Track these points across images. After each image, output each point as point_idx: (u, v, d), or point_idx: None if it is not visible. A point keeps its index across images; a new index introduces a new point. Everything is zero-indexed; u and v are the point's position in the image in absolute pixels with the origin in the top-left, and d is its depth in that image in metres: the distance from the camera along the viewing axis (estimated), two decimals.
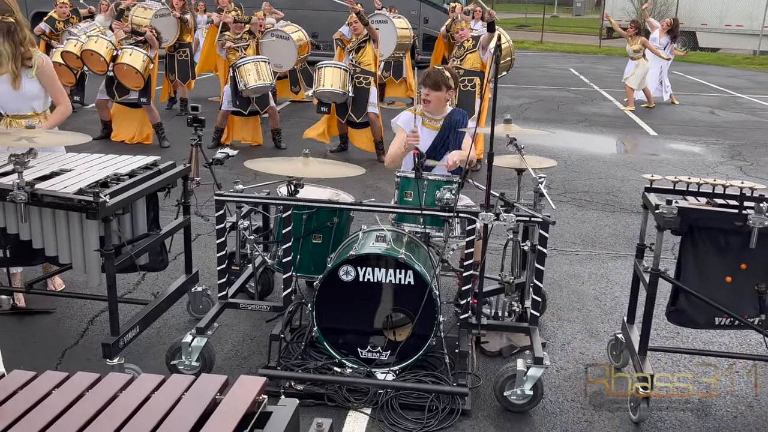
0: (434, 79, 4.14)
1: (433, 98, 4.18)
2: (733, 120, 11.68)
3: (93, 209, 3.04)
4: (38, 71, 3.99)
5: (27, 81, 3.98)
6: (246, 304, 3.73)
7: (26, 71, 3.97)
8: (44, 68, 4.03)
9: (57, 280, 4.45)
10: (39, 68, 3.99)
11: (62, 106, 4.16)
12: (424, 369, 3.48)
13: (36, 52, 4.03)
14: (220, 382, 1.69)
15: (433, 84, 4.14)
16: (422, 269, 3.36)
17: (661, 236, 3.11)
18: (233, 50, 8.28)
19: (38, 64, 3.99)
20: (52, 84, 4.10)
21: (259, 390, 1.65)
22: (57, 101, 4.15)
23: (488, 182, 3.25)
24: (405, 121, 4.31)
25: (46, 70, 4.05)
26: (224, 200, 3.54)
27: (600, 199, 6.92)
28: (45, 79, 4.05)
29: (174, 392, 1.64)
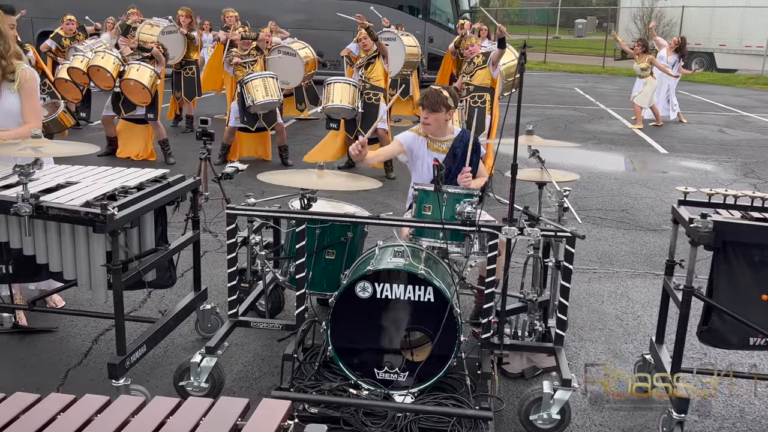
0: (432, 100, 4.02)
1: (432, 120, 4.07)
2: (743, 138, 11.57)
3: (100, 222, 2.91)
4: (20, 85, 3.75)
5: (8, 95, 3.73)
6: (257, 323, 3.58)
7: (8, 85, 3.74)
8: (27, 83, 3.78)
9: (56, 297, 4.31)
10: (21, 82, 3.75)
11: (29, 125, 3.76)
12: (443, 391, 3.32)
13: (20, 65, 3.81)
14: (242, 405, 1.55)
15: (431, 106, 4.02)
16: (442, 285, 3.21)
17: (694, 252, 2.97)
18: (241, 66, 8.21)
19: (21, 77, 3.75)
20: (29, 100, 3.80)
21: (284, 415, 1.51)
22: (26, 119, 3.80)
23: (512, 195, 3.11)
24: (408, 141, 4.21)
25: (28, 85, 3.79)
26: (236, 214, 3.41)
27: (614, 216, 6.79)
28: (24, 93, 3.77)
29: (191, 417, 1.50)
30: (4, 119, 3.78)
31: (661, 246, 5.94)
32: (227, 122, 8.34)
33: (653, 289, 4.99)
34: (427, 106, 4.03)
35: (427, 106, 4.03)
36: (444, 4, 17.35)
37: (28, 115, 3.81)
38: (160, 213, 3.64)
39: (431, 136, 4.13)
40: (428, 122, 4.06)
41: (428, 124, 4.07)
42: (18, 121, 3.82)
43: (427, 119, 4.05)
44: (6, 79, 3.74)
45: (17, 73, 3.75)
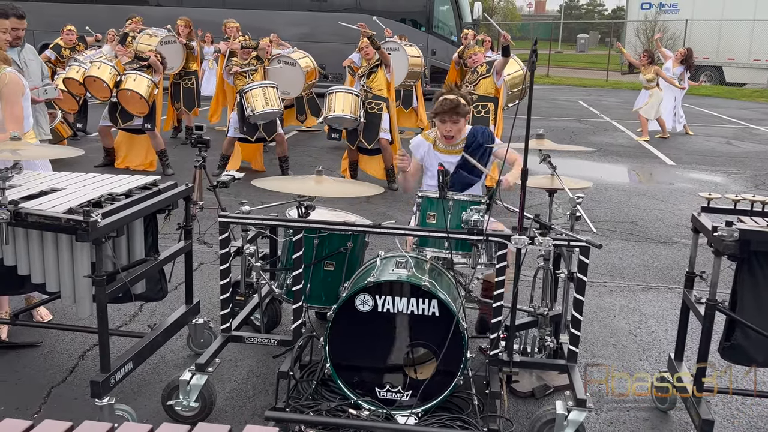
0: (451, 111, 3.82)
1: (455, 132, 3.92)
2: (752, 150, 11.38)
3: (83, 230, 2.72)
4: (2, 90, 3.62)
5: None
6: (251, 338, 3.38)
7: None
8: (7, 86, 3.64)
9: (42, 310, 4.11)
10: (2, 87, 3.62)
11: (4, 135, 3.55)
12: (449, 411, 3.11)
13: (2, 69, 3.68)
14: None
15: (452, 116, 3.83)
16: (447, 298, 3.01)
17: (718, 262, 2.77)
18: (240, 76, 8.06)
19: (1, 81, 3.62)
20: (9, 104, 3.66)
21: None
22: (6, 125, 3.65)
23: (522, 201, 2.93)
24: (415, 145, 4.09)
25: (7, 89, 3.65)
26: (229, 222, 3.22)
27: (623, 228, 6.58)
28: (3, 98, 3.64)
29: None
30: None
31: (673, 259, 5.74)
32: (227, 132, 8.17)
33: (666, 303, 4.79)
34: (448, 118, 3.83)
35: (448, 119, 3.83)
36: (447, 17, 17.26)
37: (6, 119, 3.66)
38: (151, 222, 3.46)
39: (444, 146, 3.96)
40: (451, 134, 3.90)
41: (451, 136, 3.91)
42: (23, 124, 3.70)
43: (450, 132, 3.88)
44: None
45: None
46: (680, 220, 6.93)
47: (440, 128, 3.89)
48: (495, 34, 19.05)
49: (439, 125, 3.89)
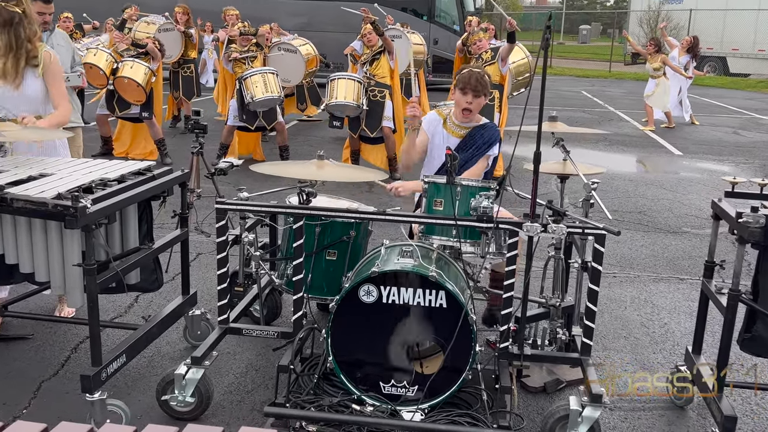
0: (477, 83, 3.59)
1: (475, 106, 3.68)
2: (759, 140, 11.22)
3: (71, 216, 2.57)
4: (44, 69, 3.54)
5: (31, 80, 3.51)
6: (250, 330, 3.24)
7: (32, 70, 3.51)
8: (51, 65, 3.57)
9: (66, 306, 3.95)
10: (45, 65, 3.54)
11: (62, 109, 3.62)
12: (457, 407, 2.97)
13: (42, 47, 3.57)
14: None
15: (476, 89, 3.60)
16: (455, 289, 2.87)
17: (742, 250, 2.62)
18: (240, 62, 7.90)
19: (45, 60, 3.53)
20: (56, 83, 3.61)
21: None
22: (57, 104, 3.62)
23: (534, 187, 2.78)
24: (429, 122, 3.87)
25: (53, 68, 3.58)
26: (226, 209, 3.07)
27: (632, 218, 6.43)
28: (50, 76, 3.57)
29: None
30: (27, 106, 3.52)
31: (683, 249, 5.59)
32: (226, 121, 8.01)
33: (678, 294, 4.65)
34: (471, 89, 3.59)
35: (471, 90, 3.59)
36: (449, 6, 17.06)
37: (57, 99, 3.60)
38: (146, 209, 3.32)
39: (455, 121, 3.78)
40: (471, 108, 3.65)
41: (470, 110, 3.67)
42: (38, 108, 3.57)
43: (470, 104, 3.64)
44: (30, 63, 3.50)
45: (40, 56, 3.52)
46: (689, 209, 6.79)
47: (460, 101, 3.66)
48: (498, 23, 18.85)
49: (459, 97, 3.65)
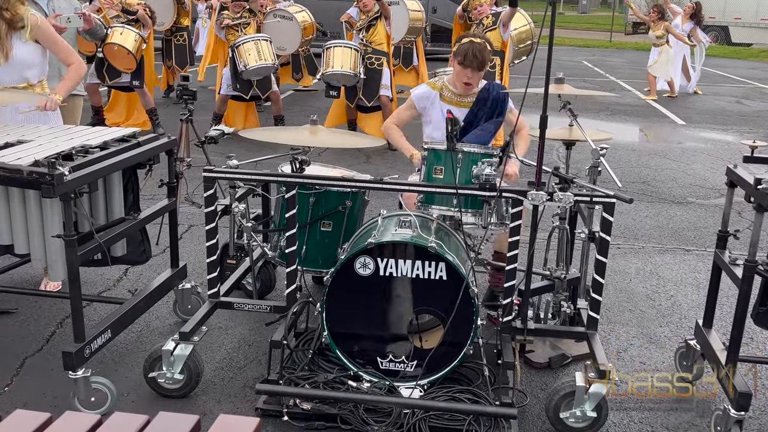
0: (481, 59, 3.38)
1: (476, 80, 3.49)
2: (764, 109, 11.03)
3: (47, 184, 2.42)
4: (34, 32, 3.38)
5: (20, 47, 3.37)
6: (241, 304, 3.11)
7: (18, 35, 3.36)
8: (41, 27, 3.42)
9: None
10: (35, 28, 3.38)
11: (75, 65, 3.53)
12: (457, 383, 2.85)
13: (27, 10, 3.40)
14: (189, 425, 1.07)
15: (479, 65, 3.40)
16: (456, 261, 2.73)
17: (760, 219, 2.48)
18: (232, 29, 7.66)
19: (32, 23, 3.38)
20: (55, 43, 3.49)
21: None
22: (67, 61, 3.53)
23: (540, 152, 2.62)
24: (420, 97, 3.66)
25: (44, 28, 3.44)
26: (215, 177, 2.92)
27: (635, 188, 6.28)
28: (45, 39, 3.44)
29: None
30: (20, 71, 3.42)
31: (688, 220, 5.46)
32: (218, 90, 7.80)
33: (684, 266, 4.52)
34: (473, 65, 3.38)
35: (473, 66, 3.39)
36: None
37: (66, 56, 3.53)
38: (131, 178, 3.16)
39: (453, 90, 3.58)
40: (471, 83, 3.46)
41: (470, 84, 3.47)
42: (27, 75, 3.46)
43: (470, 79, 3.45)
44: (14, 29, 3.35)
45: (26, 19, 3.36)
46: (693, 179, 6.64)
47: (460, 74, 3.46)
48: None
49: (458, 70, 3.45)
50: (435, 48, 16.01)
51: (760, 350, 3.45)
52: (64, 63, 3.56)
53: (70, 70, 3.53)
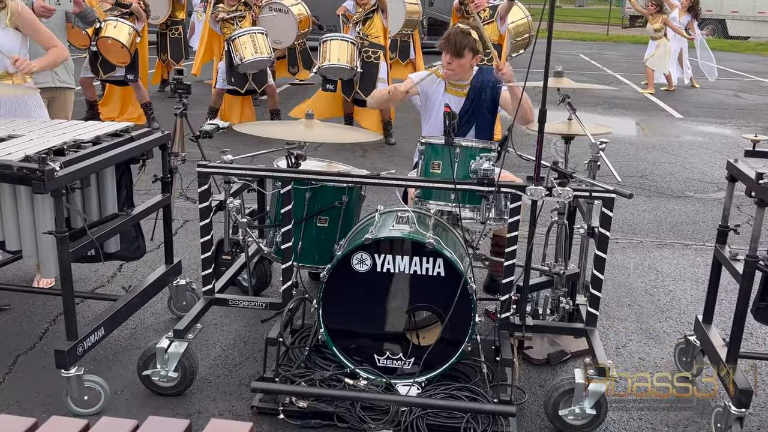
0: (456, 44, 3.37)
1: (456, 66, 3.45)
2: (761, 103, 11.01)
3: (38, 180, 2.38)
4: (14, 18, 3.34)
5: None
6: (236, 301, 3.07)
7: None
8: (22, 14, 3.39)
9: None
10: (14, 14, 3.34)
11: (57, 48, 3.50)
12: (455, 380, 2.82)
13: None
14: (180, 429, 1.04)
15: (455, 50, 3.38)
16: (454, 257, 2.70)
17: (761, 214, 2.45)
18: (228, 23, 7.59)
19: (13, 9, 3.34)
20: (36, 31, 3.46)
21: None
22: (49, 46, 3.49)
23: (539, 147, 2.58)
24: (424, 81, 3.59)
25: (25, 15, 3.41)
26: (209, 172, 2.88)
27: (633, 182, 6.25)
28: (26, 26, 3.40)
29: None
30: None
31: (687, 214, 5.43)
32: (214, 84, 7.74)
33: (683, 260, 4.49)
34: (450, 50, 3.39)
35: (450, 51, 3.39)
36: None
37: (47, 41, 3.50)
38: (124, 173, 3.12)
39: (452, 81, 3.54)
40: (451, 68, 3.44)
41: (451, 70, 3.45)
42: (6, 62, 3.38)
43: (450, 64, 3.43)
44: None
45: (7, 4, 3.32)
46: (692, 173, 6.61)
47: (443, 59, 3.45)
48: None
49: (443, 55, 3.45)
50: (432, 41, 15.93)
51: (760, 345, 3.43)
52: (46, 48, 3.51)
53: (51, 51, 3.50)
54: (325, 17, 12.95)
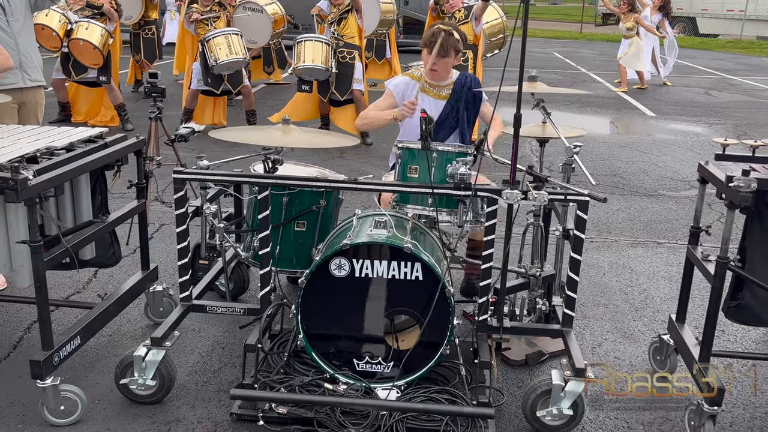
0: (443, 44, 3.38)
1: (441, 66, 3.49)
2: (731, 101, 11.20)
3: (11, 189, 2.34)
4: None
5: None
6: (214, 307, 3.05)
7: None
8: None
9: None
10: None
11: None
12: (434, 383, 2.84)
13: None
14: None
15: (442, 51, 3.40)
16: (431, 261, 2.71)
17: (731, 216, 2.49)
18: (202, 23, 7.54)
19: None
20: None
21: None
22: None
23: (514, 151, 2.61)
24: (398, 85, 3.63)
25: None
26: (185, 179, 2.86)
27: (607, 181, 6.33)
28: None
29: None
30: None
31: (659, 212, 5.51)
32: (189, 84, 7.68)
33: (656, 259, 4.57)
34: (436, 51, 3.38)
35: (436, 51, 3.38)
36: None
37: None
38: (99, 179, 3.09)
39: (430, 81, 3.56)
40: (436, 68, 3.46)
41: (436, 70, 3.47)
42: None
43: (435, 65, 3.44)
44: None
45: None
46: (665, 171, 6.72)
47: (425, 59, 3.46)
48: None
49: (424, 55, 3.45)
50: (408, 40, 15.97)
51: (731, 343, 3.50)
52: None
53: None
54: (300, 16, 12.91)
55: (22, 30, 4.12)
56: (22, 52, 4.10)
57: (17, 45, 4.06)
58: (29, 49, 4.19)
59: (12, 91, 4.00)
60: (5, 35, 4.00)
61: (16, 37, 4.06)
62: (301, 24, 12.24)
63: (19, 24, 4.08)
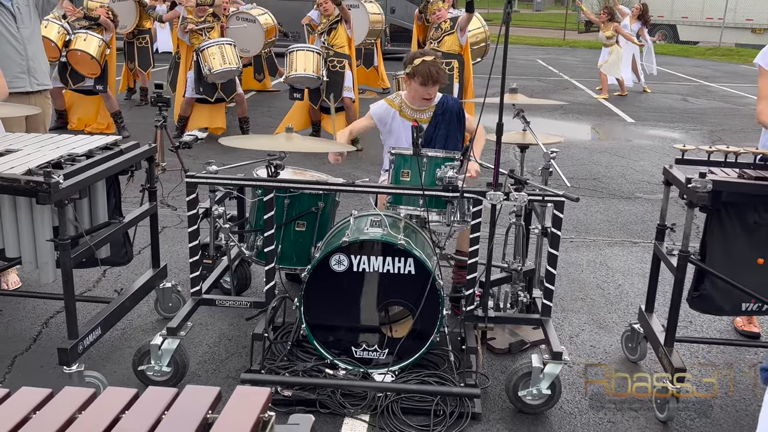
0: (437, 75, 3.57)
1: (434, 94, 3.71)
2: (708, 107, 11.59)
3: (44, 192, 2.59)
4: None
5: None
6: (223, 300, 3.31)
7: None
8: None
9: (12, 276, 3.95)
10: None
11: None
12: (425, 368, 3.11)
13: None
14: (212, 395, 1.30)
15: (437, 80, 3.58)
16: (423, 256, 2.99)
17: (691, 214, 2.79)
18: (196, 34, 7.78)
19: None
20: None
21: (263, 405, 1.26)
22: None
23: (497, 157, 2.89)
24: (377, 111, 3.83)
25: None
26: (197, 182, 3.12)
27: (587, 185, 6.65)
28: None
29: (150, 411, 1.25)
30: None
31: (636, 214, 5.83)
32: (183, 93, 7.91)
33: (631, 257, 4.87)
34: (432, 82, 3.56)
35: (432, 83, 3.57)
36: None
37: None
38: (113, 184, 3.33)
39: (411, 105, 3.81)
40: (430, 97, 3.66)
41: (429, 99, 3.67)
42: None
43: (430, 94, 3.65)
44: None
45: None
46: (642, 176, 7.04)
47: (420, 92, 3.63)
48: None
49: (417, 88, 3.62)
50: (395, 48, 16.27)
51: (698, 332, 3.80)
52: None
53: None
54: (289, 24, 13.17)
55: (32, 36, 4.36)
56: (30, 57, 4.33)
57: (26, 51, 4.29)
58: (38, 54, 4.41)
59: (19, 96, 4.22)
60: (16, 42, 4.23)
61: (25, 44, 4.28)
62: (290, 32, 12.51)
63: (29, 31, 4.32)
